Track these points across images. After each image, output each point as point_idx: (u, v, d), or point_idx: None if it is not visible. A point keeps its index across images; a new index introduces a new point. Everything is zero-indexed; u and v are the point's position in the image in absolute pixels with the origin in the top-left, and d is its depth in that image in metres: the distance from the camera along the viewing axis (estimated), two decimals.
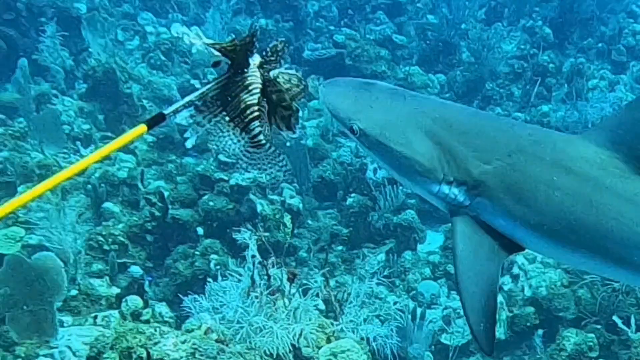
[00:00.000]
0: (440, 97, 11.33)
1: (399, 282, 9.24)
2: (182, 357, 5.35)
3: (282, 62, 3.00)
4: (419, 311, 8.18)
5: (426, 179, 3.17)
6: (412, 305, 8.42)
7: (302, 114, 3.14)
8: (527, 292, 8.63)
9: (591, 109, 12.44)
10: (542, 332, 8.21)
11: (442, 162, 3.15)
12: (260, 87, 2.92)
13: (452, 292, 9.25)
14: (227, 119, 2.94)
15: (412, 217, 9.89)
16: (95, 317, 6.80)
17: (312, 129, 11.17)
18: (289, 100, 3.02)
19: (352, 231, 9.82)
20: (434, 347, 8.28)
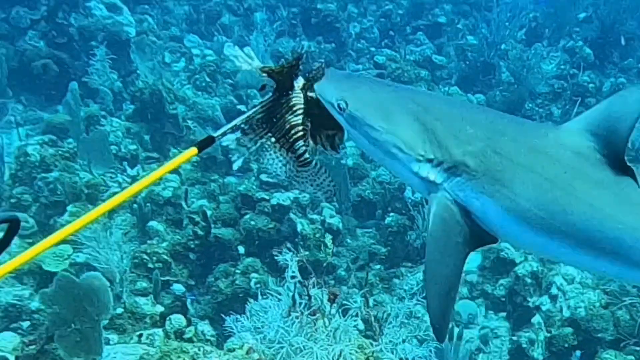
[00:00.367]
0: None
1: None
2: None
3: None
4: (456, 331, 8.19)
5: (407, 156, 3.17)
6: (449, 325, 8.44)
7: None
8: (566, 312, 8.62)
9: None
10: (580, 353, 8.19)
11: (424, 141, 3.17)
12: (304, 108, 3.07)
13: (490, 311, 9.29)
14: (273, 139, 3.07)
15: None
16: (140, 335, 6.91)
17: (352, 149, 11.21)
18: (332, 120, 3.16)
19: (390, 250, 9.88)
20: None
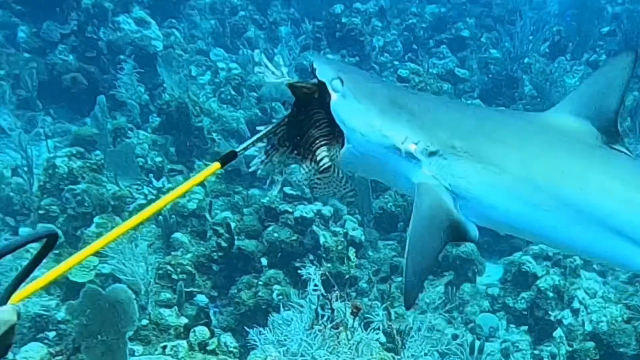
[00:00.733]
0: None
1: (457, 314, 9.32)
2: None
3: None
4: (477, 344, 8.22)
5: (394, 138, 3.21)
6: (470, 338, 8.48)
7: None
8: (588, 326, 8.61)
9: None
10: None
11: (412, 125, 3.22)
12: (327, 121, 3.16)
13: (511, 325, 9.31)
14: (296, 152, 3.17)
15: (471, 249, 9.94)
16: (164, 347, 7.00)
17: None
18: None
19: None
20: None
